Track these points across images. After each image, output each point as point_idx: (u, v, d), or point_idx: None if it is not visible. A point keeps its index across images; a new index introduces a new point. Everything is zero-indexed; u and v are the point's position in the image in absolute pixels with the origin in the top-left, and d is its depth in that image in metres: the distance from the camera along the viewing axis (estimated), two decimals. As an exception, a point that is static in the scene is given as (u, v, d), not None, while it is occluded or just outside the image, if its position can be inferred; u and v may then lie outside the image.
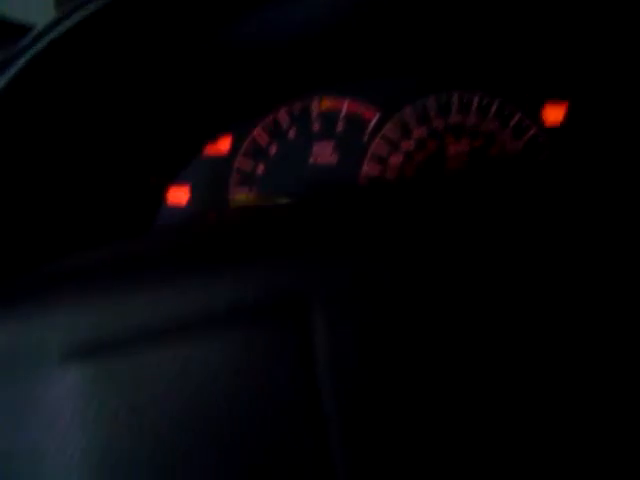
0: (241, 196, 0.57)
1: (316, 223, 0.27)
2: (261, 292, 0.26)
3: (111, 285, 0.27)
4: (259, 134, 0.57)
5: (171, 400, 0.25)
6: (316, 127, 0.56)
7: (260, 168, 0.57)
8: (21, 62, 0.39)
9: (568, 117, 0.54)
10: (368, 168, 0.56)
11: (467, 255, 0.26)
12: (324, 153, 0.56)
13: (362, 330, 0.25)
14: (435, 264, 0.26)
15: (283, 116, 0.57)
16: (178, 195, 0.57)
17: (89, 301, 0.26)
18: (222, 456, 0.25)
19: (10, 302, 0.27)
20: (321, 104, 0.56)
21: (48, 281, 0.28)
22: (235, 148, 0.57)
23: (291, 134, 0.56)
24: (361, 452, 0.25)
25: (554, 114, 0.54)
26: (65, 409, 0.26)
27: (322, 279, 0.26)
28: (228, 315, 0.26)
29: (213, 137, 0.57)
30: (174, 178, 0.57)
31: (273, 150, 0.57)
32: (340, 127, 0.56)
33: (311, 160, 0.56)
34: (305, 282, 0.26)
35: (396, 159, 0.55)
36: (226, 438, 0.25)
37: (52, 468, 0.26)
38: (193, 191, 0.57)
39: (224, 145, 0.57)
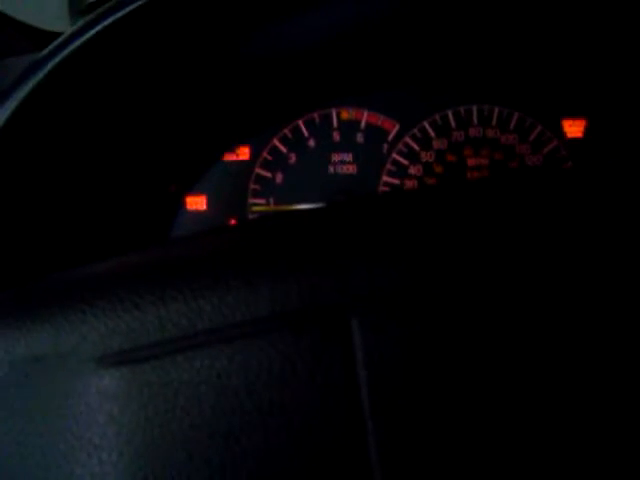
0: (259, 204, 0.57)
1: (355, 229, 0.27)
2: (301, 302, 0.25)
3: (148, 292, 0.27)
4: (278, 143, 0.57)
5: (207, 409, 0.25)
6: (336, 137, 0.56)
7: (279, 177, 0.57)
8: (47, 68, 0.39)
9: (589, 131, 0.54)
10: (387, 178, 0.56)
11: (501, 268, 0.26)
12: (343, 163, 0.56)
13: (401, 341, 0.25)
14: (474, 275, 0.26)
15: (303, 126, 0.57)
16: (197, 202, 0.57)
17: (126, 308, 0.26)
18: (257, 466, 0.25)
19: (47, 308, 0.27)
20: (341, 115, 0.57)
21: (83, 286, 0.28)
22: (255, 156, 0.57)
23: (311, 144, 0.56)
24: (399, 463, 0.24)
25: (574, 128, 0.54)
26: (99, 416, 0.26)
27: (363, 289, 0.26)
28: (267, 324, 0.26)
29: (232, 146, 0.57)
30: (193, 186, 0.57)
31: (292, 159, 0.57)
32: (360, 138, 0.56)
33: (330, 170, 0.56)
34: (346, 292, 0.26)
35: (415, 170, 0.56)
36: (262, 447, 0.25)
37: (85, 473, 0.26)
38: (211, 198, 0.57)
39: (244, 153, 0.57)
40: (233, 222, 0.57)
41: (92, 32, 0.40)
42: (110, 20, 0.40)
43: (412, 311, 0.25)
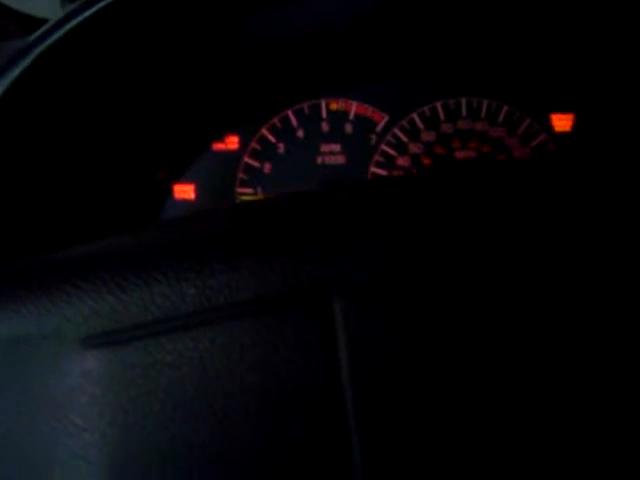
0: (247, 194, 0.57)
1: (340, 212, 0.27)
2: (284, 285, 0.26)
3: (132, 274, 0.27)
4: (267, 133, 0.57)
5: (190, 389, 0.25)
6: (325, 128, 0.56)
7: (267, 167, 0.57)
8: (34, 54, 0.39)
9: (577, 125, 0.54)
10: (375, 169, 0.56)
11: (487, 253, 0.26)
12: (332, 154, 0.56)
13: (383, 324, 0.25)
14: (456, 258, 0.26)
15: (292, 116, 0.57)
16: (185, 191, 0.57)
17: (110, 289, 0.26)
18: (240, 446, 0.25)
19: (30, 288, 0.27)
20: (330, 105, 0.57)
21: (68, 268, 0.28)
22: (243, 146, 0.57)
23: (299, 134, 0.57)
24: (379, 445, 0.25)
25: (562, 121, 0.55)
26: (82, 397, 0.26)
27: (345, 272, 0.26)
28: (250, 307, 0.26)
29: (221, 135, 0.57)
30: (181, 174, 0.57)
31: (281, 149, 0.57)
32: (348, 129, 0.56)
33: (319, 160, 0.56)
34: (328, 275, 0.26)
35: (404, 162, 0.56)
36: (244, 427, 0.25)
37: (67, 454, 0.26)
38: (200, 187, 0.57)
39: (232, 143, 0.57)
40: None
41: (80, 18, 0.39)
42: (99, 6, 0.40)
43: (394, 294, 0.26)
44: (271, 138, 0.57)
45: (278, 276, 0.26)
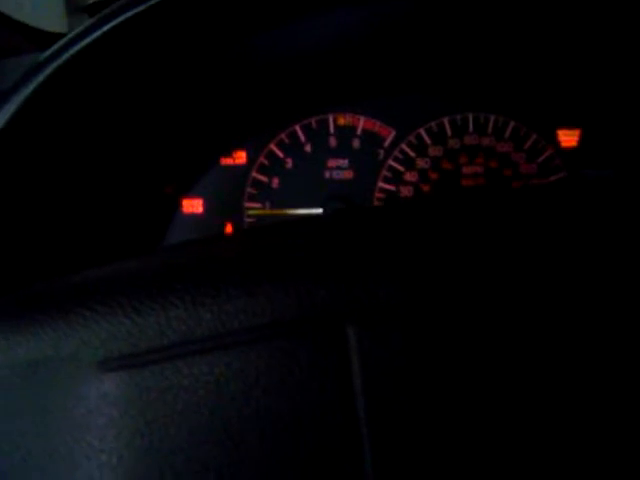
0: (256, 208, 0.57)
1: (355, 238, 0.27)
2: (299, 310, 0.26)
3: (149, 298, 0.27)
4: (275, 148, 0.57)
5: (206, 412, 0.26)
6: (332, 143, 0.57)
7: (275, 181, 0.57)
8: (49, 70, 0.39)
9: (583, 141, 0.55)
10: (383, 184, 0.56)
11: (500, 280, 0.26)
12: (339, 168, 0.56)
13: (397, 350, 0.25)
14: (470, 285, 0.26)
15: (299, 131, 0.57)
16: (194, 205, 0.57)
17: (127, 313, 0.27)
18: (255, 468, 0.25)
19: (47, 312, 0.27)
20: (337, 120, 0.57)
21: (85, 292, 0.28)
22: (251, 161, 0.57)
23: (307, 149, 0.57)
24: (394, 472, 0.25)
25: (569, 137, 0.55)
26: (99, 419, 0.26)
27: (360, 298, 0.26)
28: (265, 332, 0.26)
29: (229, 150, 0.58)
30: (189, 188, 0.58)
31: (289, 164, 0.57)
32: (356, 144, 0.57)
33: (326, 175, 0.57)
34: (343, 301, 0.26)
35: (411, 177, 0.56)
36: (259, 451, 0.25)
37: (84, 477, 0.26)
38: (208, 202, 0.57)
39: (240, 157, 0.57)
40: (229, 226, 0.57)
41: (95, 35, 0.40)
42: (113, 23, 0.40)
43: (408, 321, 0.26)
44: (279, 153, 0.57)
45: (293, 301, 0.26)
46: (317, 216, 0.31)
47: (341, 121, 0.57)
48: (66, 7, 0.75)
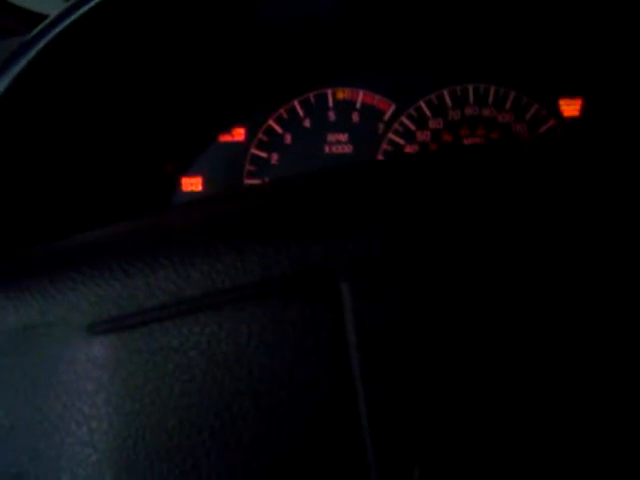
0: (255, 184, 0.57)
1: (346, 194, 0.27)
2: (291, 267, 0.25)
3: (137, 259, 0.26)
4: (274, 124, 0.57)
5: (198, 373, 0.25)
6: (331, 117, 0.56)
7: (275, 157, 0.57)
8: (36, 49, 0.39)
9: (586, 110, 0.54)
10: (383, 158, 0.56)
11: (493, 235, 0.26)
12: (339, 143, 0.56)
13: (391, 306, 0.25)
14: (462, 239, 0.26)
15: (298, 106, 0.57)
16: (193, 183, 0.57)
17: (115, 275, 0.26)
18: (249, 429, 0.25)
19: (36, 277, 0.27)
20: (336, 95, 0.56)
21: (72, 255, 0.28)
22: (250, 137, 0.57)
23: (306, 124, 0.56)
24: (390, 428, 0.24)
25: (571, 107, 0.54)
26: (89, 384, 0.26)
27: (353, 254, 0.25)
28: (256, 291, 0.26)
29: (227, 127, 0.57)
30: (188, 166, 0.57)
31: (288, 140, 0.56)
32: (355, 118, 0.56)
33: (326, 150, 0.56)
34: (336, 257, 0.25)
35: (412, 150, 0.55)
36: (253, 411, 0.25)
37: (75, 442, 0.26)
38: (207, 179, 0.57)
39: (239, 134, 0.57)
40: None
41: (81, 11, 0.39)
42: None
43: (402, 276, 0.25)
44: (278, 129, 0.57)
45: (284, 259, 0.26)
46: (306, 174, 0.30)
47: (340, 95, 0.56)
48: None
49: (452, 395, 0.25)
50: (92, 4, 0.39)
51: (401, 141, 0.55)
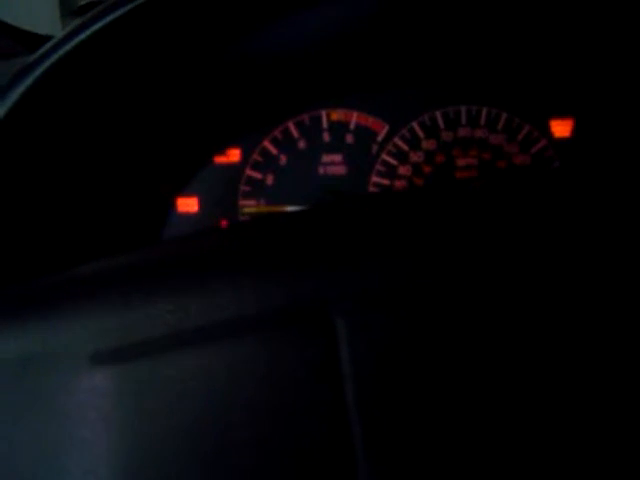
0: (250, 206, 0.57)
1: (341, 228, 0.27)
2: (286, 300, 0.26)
3: (138, 290, 0.27)
4: (269, 145, 0.57)
5: (195, 405, 0.26)
6: (326, 138, 0.57)
7: (270, 178, 0.57)
8: (37, 72, 0.39)
9: (577, 131, 0.55)
10: (377, 179, 0.56)
11: (488, 263, 0.26)
12: (333, 164, 0.56)
13: (386, 336, 0.25)
14: (455, 273, 0.26)
15: (293, 127, 0.57)
16: (188, 204, 0.57)
17: (116, 306, 0.27)
18: (245, 461, 0.25)
19: (38, 307, 0.27)
20: (330, 116, 0.57)
21: (75, 287, 0.28)
22: (245, 158, 0.57)
23: (301, 145, 0.57)
24: (385, 460, 0.25)
25: (562, 127, 0.55)
26: (91, 413, 0.26)
27: (346, 286, 0.26)
28: (253, 323, 0.26)
29: (222, 148, 0.58)
30: (184, 187, 0.58)
31: (283, 161, 0.57)
32: (349, 139, 0.57)
33: (320, 171, 0.57)
34: (330, 290, 0.26)
35: (405, 170, 0.56)
36: (249, 443, 0.25)
37: (77, 470, 0.26)
38: (203, 200, 0.57)
39: (234, 155, 0.57)
40: (224, 223, 0.57)
41: (83, 36, 0.40)
42: (101, 23, 0.40)
43: (396, 308, 0.26)
44: (273, 150, 0.57)
45: (280, 291, 0.26)
46: (303, 209, 0.31)
47: (334, 117, 0.57)
48: (60, 10, 0.76)
49: (447, 425, 0.25)
50: (100, 25, 0.39)
51: (395, 162, 0.56)
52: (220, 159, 0.58)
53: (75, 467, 0.26)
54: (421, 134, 0.56)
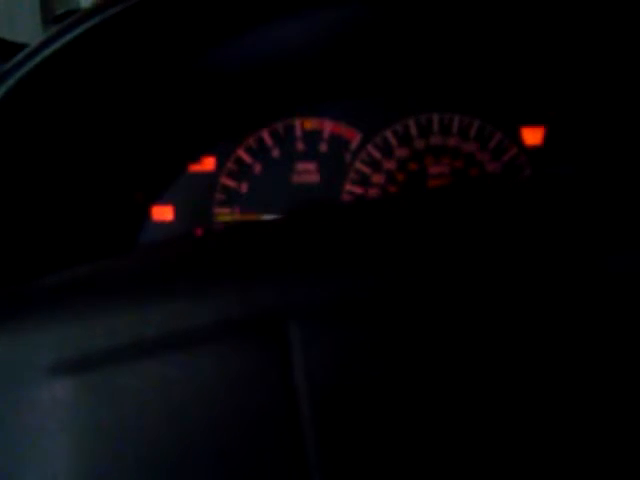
0: (225, 214, 0.57)
1: (298, 240, 0.28)
2: (242, 310, 0.26)
3: (98, 301, 0.27)
4: (243, 153, 0.57)
5: (155, 414, 0.26)
6: (299, 147, 0.57)
7: (244, 186, 0.57)
8: (12, 80, 0.39)
9: (548, 138, 0.55)
10: (350, 187, 0.56)
11: (450, 273, 0.26)
12: (307, 172, 0.57)
13: (341, 347, 0.26)
14: (416, 282, 0.26)
15: (267, 136, 0.57)
16: (163, 212, 0.58)
17: (77, 317, 0.27)
18: (203, 471, 0.25)
19: (0, 316, 0.27)
20: (304, 125, 0.57)
21: (36, 296, 0.28)
22: (220, 167, 0.57)
23: (275, 153, 0.57)
24: (338, 472, 0.25)
25: (533, 135, 0.55)
26: (51, 424, 0.26)
27: (301, 296, 0.26)
28: (211, 330, 0.26)
29: (197, 157, 0.58)
30: (159, 196, 0.58)
31: (257, 169, 0.57)
32: (323, 147, 0.57)
33: (294, 179, 0.57)
34: (284, 299, 0.26)
35: (378, 179, 0.56)
36: (207, 453, 0.25)
37: (38, 480, 0.26)
38: (178, 208, 0.58)
39: (209, 164, 0.58)
40: (199, 232, 0.58)
41: (56, 45, 0.40)
42: (73, 34, 0.40)
43: (351, 319, 0.26)
44: (247, 158, 0.57)
45: (236, 301, 0.26)
46: (263, 220, 0.31)
47: (307, 125, 0.57)
48: (41, 18, 0.76)
49: (405, 439, 0.25)
50: (73, 35, 0.40)
51: (368, 170, 0.56)
52: (195, 167, 0.58)
53: (37, 479, 0.26)
54: (394, 142, 0.56)
